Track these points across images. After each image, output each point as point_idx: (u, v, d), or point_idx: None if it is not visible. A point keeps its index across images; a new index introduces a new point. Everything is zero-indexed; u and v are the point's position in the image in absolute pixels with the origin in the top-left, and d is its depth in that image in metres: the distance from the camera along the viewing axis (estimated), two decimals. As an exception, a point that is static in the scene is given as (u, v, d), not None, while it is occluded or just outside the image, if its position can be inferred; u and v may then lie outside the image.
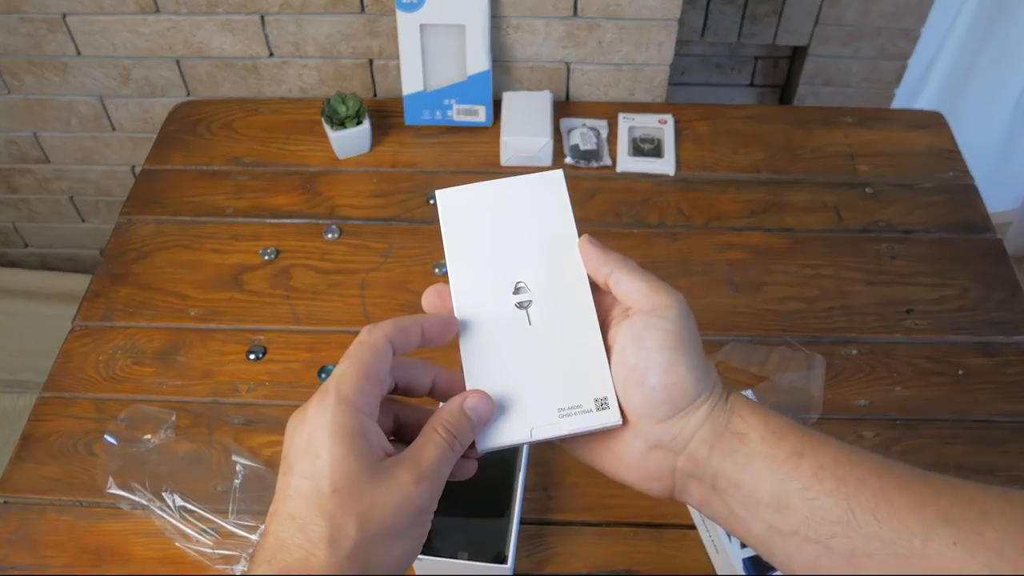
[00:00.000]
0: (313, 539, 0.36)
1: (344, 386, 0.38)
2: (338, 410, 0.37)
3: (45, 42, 1.19)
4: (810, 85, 1.46)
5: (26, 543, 0.78)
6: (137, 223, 1.05)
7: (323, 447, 0.37)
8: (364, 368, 0.39)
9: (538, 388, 0.42)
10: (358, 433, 0.37)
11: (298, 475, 0.37)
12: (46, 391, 0.89)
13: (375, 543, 0.36)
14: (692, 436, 0.40)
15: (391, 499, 0.37)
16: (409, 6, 1.07)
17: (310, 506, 0.36)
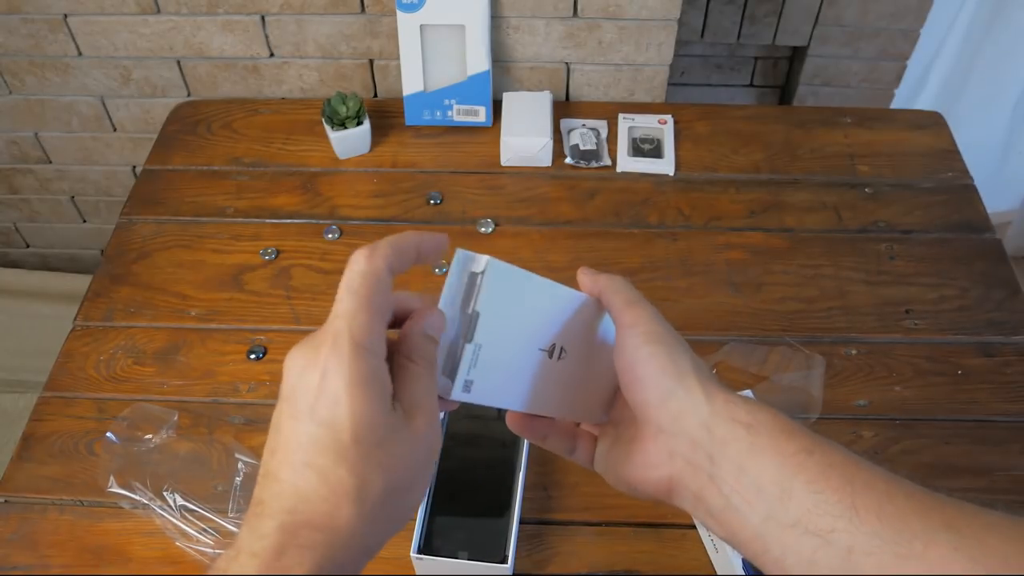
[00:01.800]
0: (338, 492, 0.34)
1: (357, 329, 0.36)
2: (355, 357, 0.35)
3: (46, 42, 1.19)
4: (810, 85, 1.47)
5: (27, 543, 0.78)
6: (137, 223, 1.05)
7: (342, 395, 0.35)
8: (372, 306, 0.37)
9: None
10: (376, 381, 0.36)
11: (314, 423, 0.35)
12: (47, 391, 0.89)
13: (399, 493, 0.36)
14: (690, 419, 0.41)
15: (413, 448, 0.36)
16: (409, 6, 1.07)
17: (331, 456, 0.34)
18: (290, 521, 0.34)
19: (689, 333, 0.91)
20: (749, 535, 0.40)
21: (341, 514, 0.34)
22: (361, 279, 0.37)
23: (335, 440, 0.34)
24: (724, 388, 0.42)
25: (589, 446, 0.51)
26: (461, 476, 0.75)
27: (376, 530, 0.36)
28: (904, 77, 1.44)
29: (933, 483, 0.84)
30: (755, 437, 0.40)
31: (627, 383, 0.43)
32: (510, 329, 0.44)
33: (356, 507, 0.34)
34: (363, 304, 0.36)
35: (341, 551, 0.34)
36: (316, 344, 0.36)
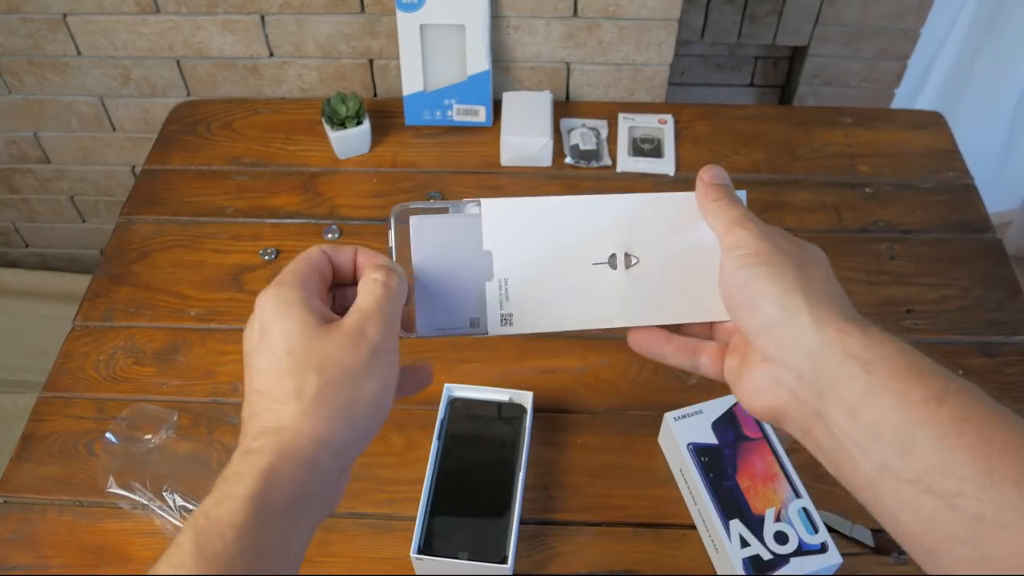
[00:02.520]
0: (279, 398, 0.39)
1: (283, 277, 0.42)
2: (279, 291, 0.41)
3: (45, 42, 1.19)
4: (810, 85, 1.46)
5: (26, 543, 0.78)
6: (137, 223, 1.05)
7: (272, 323, 0.40)
8: (300, 263, 0.42)
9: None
10: (301, 303, 0.40)
11: (258, 356, 0.40)
12: (46, 391, 0.89)
13: (339, 384, 0.39)
14: (794, 349, 0.38)
15: (343, 344, 0.39)
16: (409, 6, 1.07)
17: (272, 374, 0.39)
18: (247, 440, 0.39)
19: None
20: (860, 482, 0.37)
21: (284, 412, 0.38)
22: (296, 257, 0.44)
23: (274, 360, 0.39)
24: (844, 314, 0.38)
25: (715, 359, 0.46)
26: (461, 476, 0.75)
27: (320, 418, 0.38)
28: (904, 77, 1.44)
29: (934, 483, 0.83)
30: (873, 376, 0.36)
31: (730, 309, 0.42)
32: (533, 255, 0.45)
33: (296, 403, 0.38)
34: (292, 264, 0.42)
35: (290, 443, 0.38)
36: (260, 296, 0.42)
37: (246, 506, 0.36)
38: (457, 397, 0.80)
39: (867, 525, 0.76)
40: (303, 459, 0.38)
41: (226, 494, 0.36)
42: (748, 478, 0.73)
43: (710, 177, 0.45)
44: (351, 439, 0.40)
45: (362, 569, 0.75)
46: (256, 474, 0.37)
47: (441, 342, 0.91)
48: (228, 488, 0.37)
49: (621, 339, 0.91)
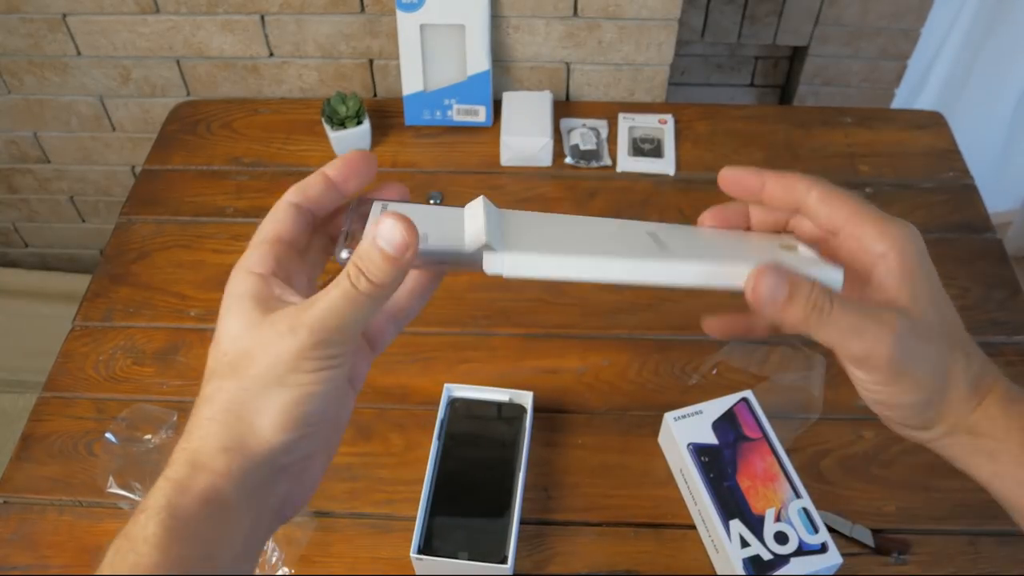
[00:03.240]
0: (199, 401, 0.36)
1: (245, 256, 0.38)
2: (235, 280, 0.37)
3: (45, 42, 1.19)
4: (810, 85, 1.46)
5: (26, 543, 0.77)
6: (137, 223, 1.05)
7: (221, 320, 0.37)
8: (261, 235, 0.38)
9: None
10: (246, 295, 0.36)
11: (209, 354, 0.37)
12: (46, 391, 0.89)
13: (249, 391, 0.35)
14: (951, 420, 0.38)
15: (265, 349, 0.35)
16: (409, 6, 1.07)
17: (208, 377, 0.37)
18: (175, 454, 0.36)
19: (689, 333, 0.91)
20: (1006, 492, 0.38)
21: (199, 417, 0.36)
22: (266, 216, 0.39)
23: (216, 358, 0.36)
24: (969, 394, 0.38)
25: None
26: (461, 476, 0.75)
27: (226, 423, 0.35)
28: (905, 77, 1.44)
29: (934, 483, 0.84)
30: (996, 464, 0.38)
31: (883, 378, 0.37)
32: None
33: (208, 408, 0.36)
34: (257, 234, 0.38)
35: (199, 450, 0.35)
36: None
37: (157, 517, 0.33)
38: (457, 397, 0.80)
39: (867, 525, 0.76)
40: (214, 467, 0.34)
41: (143, 508, 0.34)
42: (748, 478, 0.72)
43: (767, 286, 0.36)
44: (267, 449, 0.35)
45: (362, 569, 0.75)
46: (167, 485, 0.34)
47: (442, 342, 0.91)
48: (145, 503, 0.34)
49: (621, 339, 0.92)
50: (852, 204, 0.38)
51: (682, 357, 0.89)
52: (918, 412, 0.38)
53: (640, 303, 0.95)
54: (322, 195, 0.41)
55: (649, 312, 0.94)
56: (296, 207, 0.39)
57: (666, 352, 0.90)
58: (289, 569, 0.74)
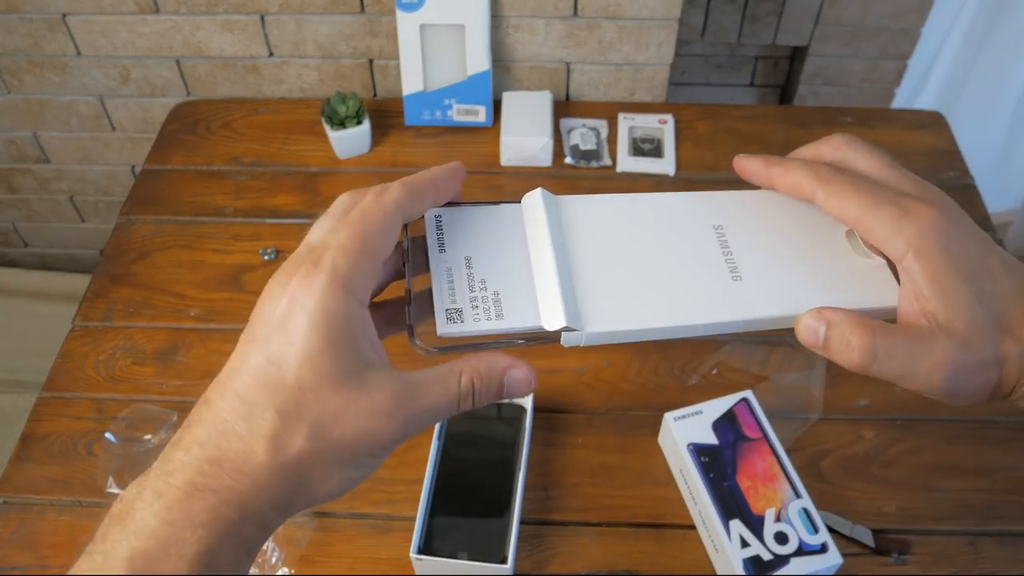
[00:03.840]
0: (256, 433, 0.31)
1: (341, 261, 0.31)
2: (328, 292, 0.31)
3: (45, 42, 1.19)
4: (810, 85, 1.46)
5: (26, 543, 0.77)
6: (137, 223, 1.05)
7: (299, 333, 0.31)
8: (366, 242, 0.32)
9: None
10: (345, 325, 0.31)
11: (262, 355, 0.32)
12: (46, 391, 0.89)
13: (322, 461, 0.31)
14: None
15: (358, 422, 0.31)
16: (409, 6, 1.07)
17: (265, 394, 0.31)
18: (201, 455, 0.31)
19: (689, 333, 0.91)
20: None
21: (255, 459, 0.30)
22: (363, 213, 0.33)
23: (278, 379, 0.31)
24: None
25: None
26: (461, 476, 0.75)
27: (285, 485, 0.31)
28: (905, 77, 1.44)
29: (934, 483, 0.84)
30: None
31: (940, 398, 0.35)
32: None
33: (271, 455, 0.30)
34: (356, 237, 0.32)
35: (251, 498, 0.31)
36: (294, 270, 0.32)
37: (194, 565, 0.29)
38: (457, 397, 0.80)
39: (867, 525, 0.76)
40: (262, 523, 0.31)
41: (175, 539, 0.29)
42: (748, 478, 0.72)
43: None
44: (306, 507, 0.33)
45: (362, 569, 0.75)
46: (212, 528, 0.30)
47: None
48: (178, 532, 0.29)
49: (621, 339, 0.91)
50: (860, 203, 0.35)
51: (682, 357, 0.89)
52: (982, 403, 0.35)
53: (640, 303, 0.94)
54: (424, 210, 0.36)
55: (649, 312, 0.94)
56: (402, 215, 0.34)
57: (666, 352, 0.90)
58: (289, 569, 0.74)
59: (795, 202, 0.38)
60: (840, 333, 0.34)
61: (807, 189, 0.37)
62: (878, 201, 0.35)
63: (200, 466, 0.31)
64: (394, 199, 0.33)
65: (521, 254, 0.35)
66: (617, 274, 0.35)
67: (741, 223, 0.38)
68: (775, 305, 0.35)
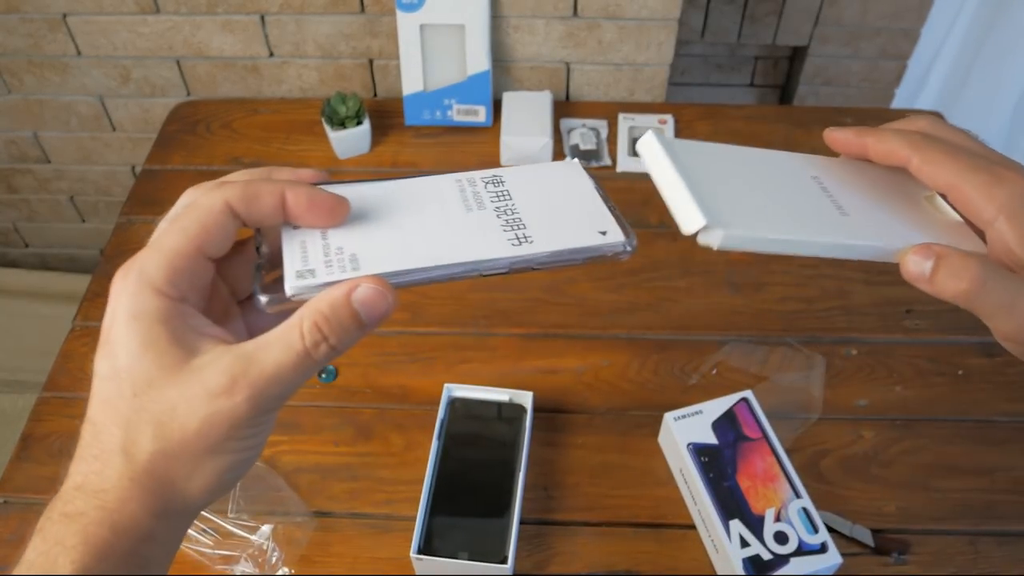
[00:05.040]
0: (107, 450, 0.30)
1: (151, 264, 0.31)
2: (138, 295, 0.31)
3: (45, 42, 1.19)
4: (810, 85, 1.46)
5: (26, 543, 0.77)
6: (137, 223, 1.05)
7: (120, 344, 0.30)
8: (186, 241, 0.31)
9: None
10: (159, 322, 0.30)
11: (98, 374, 0.31)
12: (46, 391, 0.89)
13: (177, 458, 0.30)
14: None
15: (195, 409, 0.30)
16: (409, 6, 1.07)
17: (107, 411, 0.31)
18: (69, 485, 0.31)
19: (689, 333, 0.91)
20: None
21: (110, 473, 0.30)
22: (188, 211, 0.32)
23: (117, 393, 0.30)
24: None
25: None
26: (461, 476, 0.75)
27: (151, 490, 0.30)
28: (904, 77, 1.44)
29: (934, 484, 0.84)
30: None
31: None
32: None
33: (124, 464, 0.30)
34: (174, 236, 0.31)
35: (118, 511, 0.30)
36: (114, 279, 0.32)
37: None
38: (457, 397, 0.80)
39: (867, 525, 0.76)
40: (139, 534, 0.30)
41: (49, 565, 0.30)
42: (748, 478, 0.72)
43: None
44: (191, 508, 0.32)
45: (362, 569, 0.75)
46: (84, 549, 0.29)
47: (441, 342, 0.91)
48: (51, 560, 0.30)
49: (621, 339, 0.92)
50: (955, 167, 0.36)
51: (682, 357, 0.89)
52: None
53: (640, 303, 0.95)
54: (268, 217, 0.33)
55: (649, 312, 0.94)
56: (233, 215, 0.32)
57: (666, 352, 0.90)
58: (289, 569, 0.74)
59: (879, 168, 0.40)
60: (950, 263, 0.34)
61: (902, 155, 0.37)
62: (972, 167, 0.35)
63: (67, 495, 0.31)
64: (224, 199, 0.32)
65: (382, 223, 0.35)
66: (741, 192, 0.36)
67: (836, 177, 0.40)
68: (883, 237, 0.37)
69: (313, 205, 0.33)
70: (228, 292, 0.36)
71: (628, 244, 0.36)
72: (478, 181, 0.39)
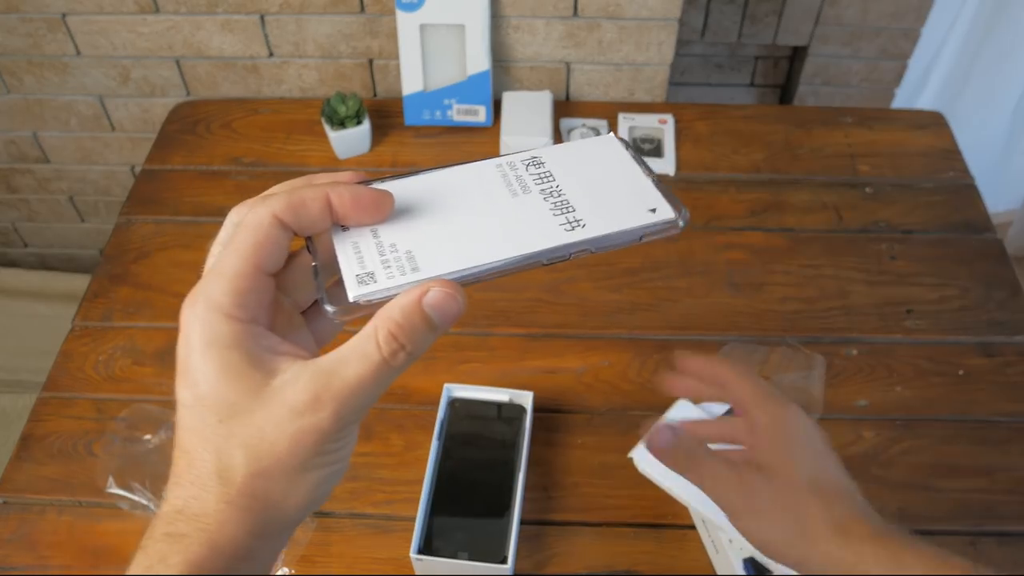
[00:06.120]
0: (202, 475, 0.31)
1: (216, 290, 0.31)
2: (210, 323, 0.31)
3: (45, 42, 1.19)
4: (810, 85, 1.46)
5: (26, 543, 0.77)
6: (137, 223, 1.05)
7: (199, 372, 0.31)
8: (243, 261, 0.32)
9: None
10: (234, 347, 0.31)
11: (182, 405, 0.32)
12: (46, 391, 0.89)
13: (272, 478, 0.31)
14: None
15: (282, 429, 0.30)
16: (409, 6, 1.07)
17: (196, 439, 0.31)
18: (170, 509, 0.32)
19: (689, 333, 0.91)
20: None
21: (207, 496, 0.31)
22: (239, 231, 0.32)
23: (201, 422, 0.31)
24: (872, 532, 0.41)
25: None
26: (461, 476, 0.75)
27: (249, 509, 0.31)
28: (905, 77, 1.44)
29: (934, 483, 0.84)
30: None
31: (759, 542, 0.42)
32: None
33: (219, 489, 0.31)
34: (232, 259, 0.32)
35: (218, 532, 0.31)
36: (185, 304, 0.32)
37: None
38: (457, 397, 0.80)
39: (867, 525, 0.76)
40: (238, 553, 0.31)
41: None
42: (748, 478, 0.72)
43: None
44: (288, 525, 0.33)
45: (362, 569, 0.75)
46: (185, 567, 0.30)
47: (442, 342, 0.91)
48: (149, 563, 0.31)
49: (621, 339, 0.92)
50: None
51: (682, 357, 0.89)
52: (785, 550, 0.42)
53: (640, 303, 0.95)
54: (317, 222, 0.33)
55: (649, 312, 0.94)
56: (282, 227, 0.33)
57: (666, 352, 0.90)
58: (289, 569, 0.74)
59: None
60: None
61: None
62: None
63: (169, 517, 0.32)
64: (271, 213, 0.32)
65: (432, 217, 0.35)
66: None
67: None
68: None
69: (358, 202, 0.33)
70: (291, 304, 0.36)
71: (681, 219, 0.35)
72: (518, 164, 0.38)
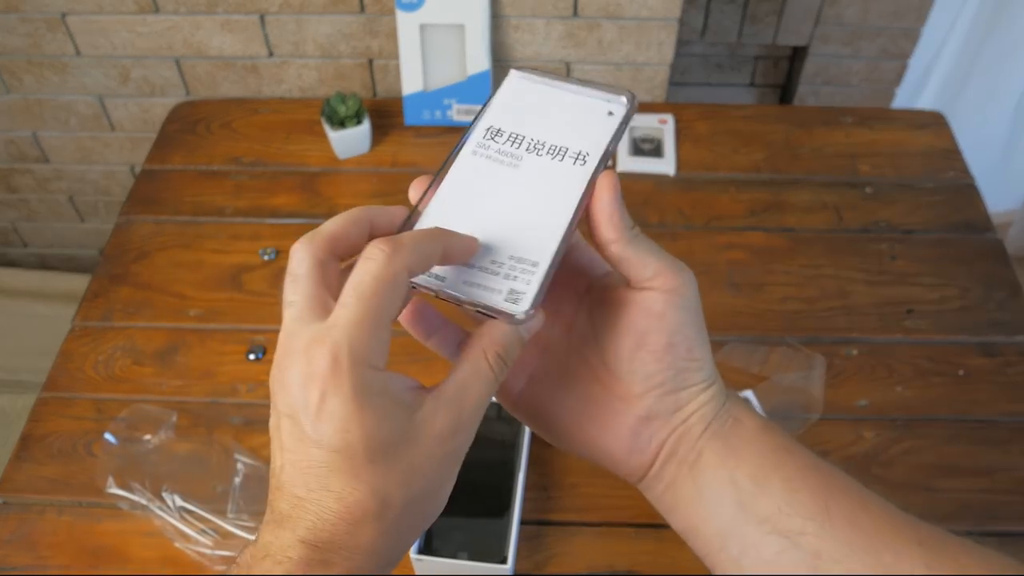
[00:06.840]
0: (357, 513, 0.33)
1: (359, 345, 0.32)
2: (355, 375, 0.32)
3: (44, 42, 1.19)
4: (810, 85, 1.46)
5: (25, 543, 0.77)
6: (137, 223, 1.05)
7: (351, 420, 0.32)
8: (379, 317, 0.33)
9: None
10: (383, 394, 0.33)
11: (323, 448, 0.33)
12: (45, 391, 0.89)
13: (418, 502, 0.34)
14: (695, 411, 0.39)
15: (432, 457, 0.34)
16: (409, 6, 1.07)
17: (347, 479, 0.33)
18: (311, 538, 0.33)
19: (689, 333, 0.91)
20: (711, 531, 0.38)
21: (363, 533, 0.33)
22: (374, 284, 0.33)
23: (350, 463, 0.33)
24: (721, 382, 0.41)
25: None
26: (461, 476, 0.75)
27: (399, 541, 0.35)
28: (905, 76, 1.44)
29: (935, 484, 0.84)
30: (740, 430, 0.39)
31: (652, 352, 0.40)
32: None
33: (376, 524, 0.33)
34: (369, 315, 0.33)
35: (365, 563, 0.33)
36: (312, 357, 0.33)
37: None
38: (457, 397, 0.80)
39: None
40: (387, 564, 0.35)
41: None
42: (748, 478, 0.72)
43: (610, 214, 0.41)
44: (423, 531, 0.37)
45: (362, 569, 0.75)
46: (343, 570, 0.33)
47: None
48: None
49: (621, 339, 0.91)
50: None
51: (682, 357, 0.89)
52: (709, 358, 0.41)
53: (640, 303, 0.94)
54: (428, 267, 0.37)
55: (649, 312, 0.94)
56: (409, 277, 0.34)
57: (666, 352, 0.90)
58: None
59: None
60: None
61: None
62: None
63: (315, 544, 0.33)
64: (405, 265, 0.34)
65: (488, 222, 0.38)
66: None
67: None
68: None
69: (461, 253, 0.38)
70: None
71: (631, 100, 0.39)
72: (486, 142, 0.39)
